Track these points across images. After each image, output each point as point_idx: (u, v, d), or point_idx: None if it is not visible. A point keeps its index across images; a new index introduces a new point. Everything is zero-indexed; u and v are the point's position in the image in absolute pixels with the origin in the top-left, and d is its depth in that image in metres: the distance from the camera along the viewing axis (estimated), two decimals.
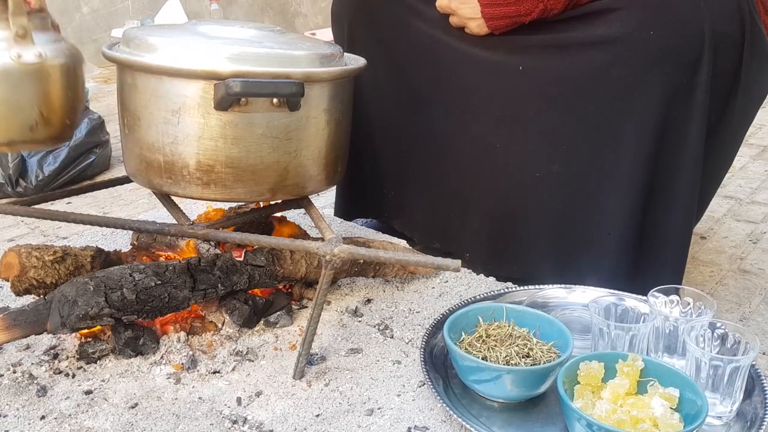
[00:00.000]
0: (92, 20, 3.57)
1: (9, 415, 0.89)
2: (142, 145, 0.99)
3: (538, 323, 0.97)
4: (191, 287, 1.01)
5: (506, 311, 0.99)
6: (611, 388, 0.83)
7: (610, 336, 0.93)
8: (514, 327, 0.97)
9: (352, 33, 1.34)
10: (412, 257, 0.98)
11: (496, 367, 0.88)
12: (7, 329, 0.93)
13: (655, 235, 1.14)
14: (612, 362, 0.86)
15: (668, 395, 0.82)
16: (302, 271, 1.12)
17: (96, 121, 1.96)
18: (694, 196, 1.11)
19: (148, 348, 1.01)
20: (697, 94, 1.05)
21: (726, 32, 1.03)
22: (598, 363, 0.86)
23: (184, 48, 0.94)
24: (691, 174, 1.09)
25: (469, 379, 0.91)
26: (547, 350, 0.93)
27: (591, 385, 0.85)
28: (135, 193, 1.80)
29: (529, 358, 0.91)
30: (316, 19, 4.43)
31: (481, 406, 0.90)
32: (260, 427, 0.88)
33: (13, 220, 1.61)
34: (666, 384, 0.84)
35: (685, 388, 0.82)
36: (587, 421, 0.76)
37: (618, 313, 0.98)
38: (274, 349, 1.05)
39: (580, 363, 0.86)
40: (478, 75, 1.18)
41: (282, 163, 0.99)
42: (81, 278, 0.97)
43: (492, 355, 0.92)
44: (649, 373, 0.85)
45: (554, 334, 0.95)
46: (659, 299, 0.96)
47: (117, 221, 1.06)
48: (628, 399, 0.83)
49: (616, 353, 0.88)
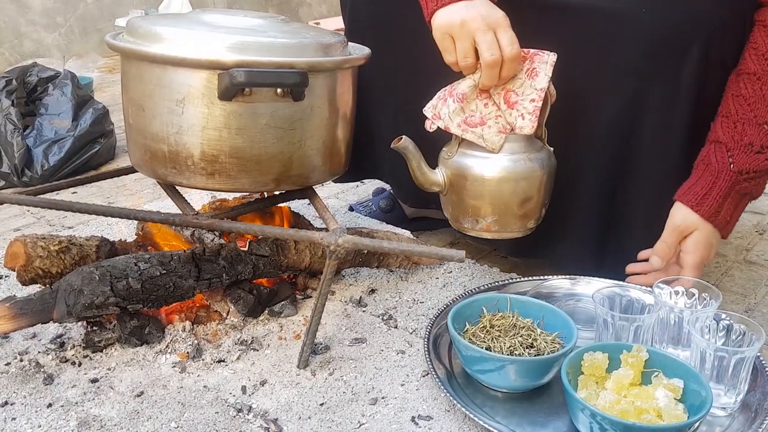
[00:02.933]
0: (96, 9, 3.57)
1: (16, 403, 0.90)
2: (147, 135, 0.99)
3: (542, 314, 0.98)
4: (196, 277, 1.02)
5: (510, 302, 1.00)
6: (615, 378, 0.83)
7: (615, 327, 0.93)
8: (519, 317, 0.98)
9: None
10: (416, 248, 0.98)
11: (500, 357, 0.88)
12: (14, 318, 0.94)
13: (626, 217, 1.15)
14: (616, 353, 0.86)
15: (672, 386, 0.82)
16: (306, 261, 1.12)
17: (100, 111, 1.96)
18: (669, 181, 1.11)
19: (153, 337, 1.02)
20: (685, 78, 1.04)
21: (725, 21, 1.02)
22: (603, 354, 0.86)
23: (188, 38, 0.93)
24: (668, 159, 1.09)
25: (472, 369, 0.91)
26: (551, 341, 0.93)
27: (595, 375, 0.85)
28: (140, 183, 1.80)
29: (533, 349, 0.91)
30: (321, 8, 4.41)
31: (485, 396, 0.90)
32: (265, 416, 0.88)
33: (19, 210, 1.62)
34: (670, 375, 0.84)
35: (689, 379, 0.82)
36: (591, 411, 0.77)
37: (622, 304, 0.97)
38: (279, 338, 1.05)
39: (584, 354, 0.86)
40: None
41: (286, 153, 0.99)
42: (87, 267, 0.97)
43: (496, 345, 0.92)
44: (654, 364, 0.85)
45: (558, 325, 0.95)
46: (664, 290, 0.96)
47: (122, 211, 1.07)
48: (632, 390, 0.83)
49: (620, 344, 0.88)
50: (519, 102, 1.04)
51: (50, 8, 3.41)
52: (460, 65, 1.03)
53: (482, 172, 1.07)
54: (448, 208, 1.16)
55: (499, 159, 1.07)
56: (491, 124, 1.07)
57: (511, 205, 1.08)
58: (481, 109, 1.07)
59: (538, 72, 1.03)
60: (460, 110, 1.07)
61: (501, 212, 1.09)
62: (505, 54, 0.99)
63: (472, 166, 1.08)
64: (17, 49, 3.31)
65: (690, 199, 1.04)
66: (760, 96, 1.01)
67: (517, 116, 1.05)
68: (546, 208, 1.14)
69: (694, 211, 1.04)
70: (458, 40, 1.01)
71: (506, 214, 1.09)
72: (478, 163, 1.08)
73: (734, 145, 1.02)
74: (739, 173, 1.02)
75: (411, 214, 1.54)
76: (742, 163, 1.02)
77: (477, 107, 1.07)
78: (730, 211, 1.04)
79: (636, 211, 1.14)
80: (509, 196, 1.08)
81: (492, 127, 1.07)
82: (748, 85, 1.02)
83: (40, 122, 1.89)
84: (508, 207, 1.09)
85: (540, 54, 1.03)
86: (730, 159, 1.02)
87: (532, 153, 1.08)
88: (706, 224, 1.04)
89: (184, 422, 0.87)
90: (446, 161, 1.11)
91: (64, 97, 1.93)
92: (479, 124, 1.07)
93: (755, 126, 1.01)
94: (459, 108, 1.06)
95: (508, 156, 1.07)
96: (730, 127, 1.03)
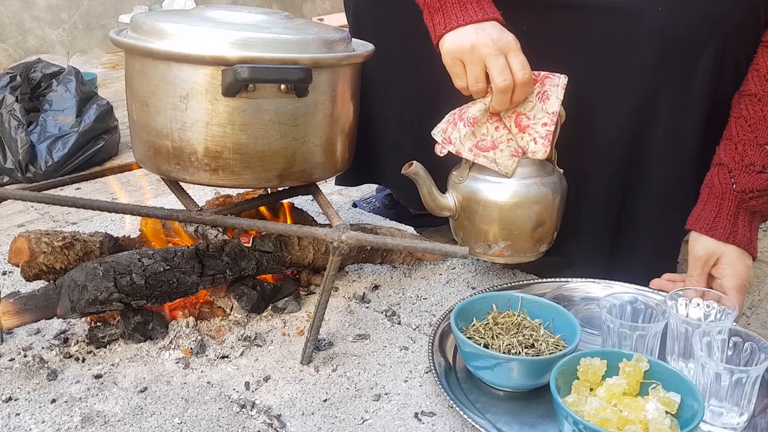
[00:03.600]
0: (100, 5, 3.57)
1: (20, 399, 0.90)
2: (151, 131, 0.99)
3: (552, 316, 0.96)
4: (200, 273, 1.02)
5: (522, 301, 0.98)
6: (607, 386, 0.81)
7: (617, 334, 0.90)
8: (526, 317, 0.96)
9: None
10: (420, 244, 0.98)
11: (493, 355, 0.87)
12: (18, 314, 0.94)
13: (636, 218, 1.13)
14: (616, 361, 0.84)
15: (668, 400, 0.78)
16: (310, 257, 1.12)
17: (104, 107, 1.96)
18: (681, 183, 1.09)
19: (157, 333, 1.02)
20: (698, 79, 1.02)
21: (741, 21, 1.00)
22: (601, 360, 0.83)
23: (192, 34, 0.93)
24: (680, 160, 1.07)
25: (471, 365, 0.91)
26: (554, 343, 0.91)
27: (590, 381, 0.83)
28: (144, 179, 1.80)
29: (533, 349, 0.90)
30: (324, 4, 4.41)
31: (482, 393, 0.90)
32: (268, 412, 0.88)
33: (23, 206, 1.62)
34: (669, 388, 0.81)
35: (687, 393, 0.79)
36: (573, 419, 0.75)
37: (633, 312, 0.94)
38: (282, 334, 1.05)
39: (581, 358, 0.84)
40: None
41: (290, 150, 0.99)
42: (90, 263, 0.98)
43: (494, 342, 0.91)
44: (654, 376, 0.82)
45: (566, 328, 0.93)
46: (679, 300, 0.93)
47: (126, 207, 1.07)
48: (624, 399, 0.80)
49: (621, 352, 0.85)
50: (531, 126, 1.03)
51: (54, 4, 3.41)
52: (471, 90, 1.02)
53: (495, 197, 1.07)
54: (459, 232, 1.15)
55: (511, 184, 1.06)
56: (503, 147, 1.06)
57: (524, 230, 1.08)
58: (493, 132, 1.06)
59: (549, 95, 1.02)
60: (471, 134, 1.06)
61: (514, 237, 1.09)
62: (517, 79, 0.98)
63: (485, 191, 1.07)
64: (21, 45, 3.32)
65: (702, 226, 1.02)
66: (761, 117, 1.00)
67: (530, 140, 1.04)
68: (558, 231, 1.13)
69: (709, 236, 1.01)
70: (469, 65, 0.99)
71: (519, 239, 1.09)
72: (491, 187, 1.07)
73: (735, 166, 1.01)
74: (743, 192, 1.00)
75: (414, 211, 1.54)
76: (745, 182, 1.00)
77: (488, 131, 1.06)
78: (746, 229, 1.02)
79: (647, 213, 1.13)
80: (523, 221, 1.07)
81: (504, 150, 1.06)
82: (749, 107, 1.00)
83: (44, 118, 1.89)
84: (522, 232, 1.08)
85: (551, 77, 1.02)
86: (732, 180, 1.01)
87: (545, 177, 1.08)
88: (728, 246, 1.01)
89: (188, 418, 0.87)
90: (457, 186, 1.10)
91: (68, 93, 1.94)
92: (491, 148, 1.06)
93: (756, 147, 1.00)
94: (470, 132, 1.06)
95: (521, 180, 1.06)
96: (731, 149, 1.02)
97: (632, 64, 1.04)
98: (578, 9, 1.06)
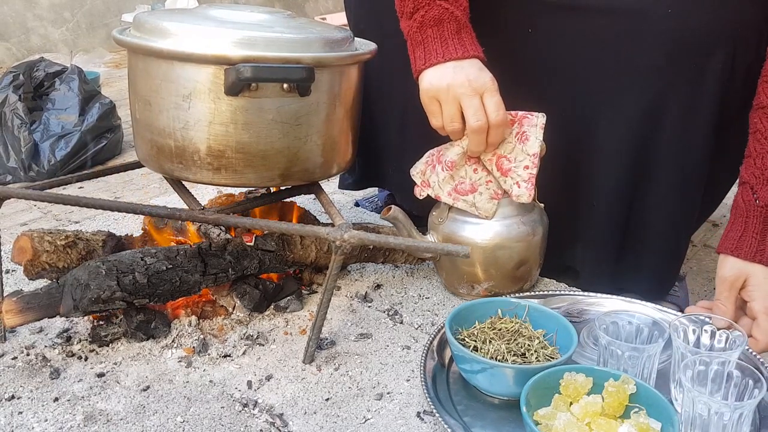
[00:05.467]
0: (103, 5, 3.58)
1: (23, 397, 0.90)
2: (153, 130, 0.99)
3: (556, 327, 0.94)
4: (202, 271, 1.02)
5: (528, 309, 0.97)
6: (583, 404, 0.79)
7: (607, 352, 0.88)
8: (525, 325, 0.95)
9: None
10: (422, 243, 0.98)
11: (477, 359, 0.86)
12: (21, 312, 0.94)
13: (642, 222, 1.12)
14: (603, 379, 0.81)
15: (646, 426, 0.75)
16: (312, 257, 1.13)
17: (107, 106, 1.97)
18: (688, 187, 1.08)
19: (159, 331, 1.02)
20: (707, 82, 1.01)
21: (753, 22, 0.99)
22: (586, 377, 0.81)
23: (195, 33, 0.93)
24: (688, 164, 1.06)
25: (459, 367, 0.91)
26: (546, 354, 0.90)
27: (571, 396, 0.81)
28: (146, 178, 1.81)
29: (523, 358, 0.89)
30: (327, 3, 4.41)
31: (468, 396, 0.89)
32: (270, 411, 0.88)
33: (26, 205, 1.63)
34: (653, 415, 0.77)
35: (667, 422, 0.76)
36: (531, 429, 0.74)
37: (636, 331, 0.91)
38: (285, 333, 1.05)
39: (564, 373, 0.82)
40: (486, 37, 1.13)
41: (292, 149, 0.99)
42: (93, 262, 0.98)
43: (484, 347, 0.91)
44: (640, 400, 0.79)
45: (565, 342, 0.92)
46: (688, 326, 0.89)
47: (128, 206, 1.07)
48: (599, 419, 0.77)
49: (608, 371, 0.83)
50: (512, 169, 1.03)
51: (57, 3, 3.42)
52: (446, 130, 1.01)
53: (476, 238, 1.07)
54: (442, 273, 1.15)
55: (492, 224, 1.06)
56: (482, 190, 1.06)
57: (506, 269, 1.08)
58: (471, 175, 1.06)
59: (528, 136, 1.02)
60: (449, 178, 1.06)
61: (497, 277, 1.09)
62: (491, 120, 0.98)
63: (465, 231, 1.07)
64: (24, 44, 3.32)
65: (728, 247, 0.98)
66: None
67: (512, 184, 1.04)
68: (541, 267, 1.13)
69: (735, 256, 0.97)
70: (444, 105, 0.99)
71: (502, 278, 1.10)
72: (471, 229, 1.07)
73: (756, 181, 0.97)
74: (766, 207, 0.97)
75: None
76: (767, 197, 0.96)
77: (467, 173, 1.06)
78: None
79: (654, 218, 1.12)
80: (505, 261, 1.08)
81: (483, 194, 1.06)
82: (763, 120, 0.98)
83: (47, 117, 1.89)
84: (504, 272, 1.09)
85: (529, 117, 1.02)
86: (754, 196, 0.98)
87: (525, 215, 1.08)
88: (755, 266, 0.96)
89: (190, 417, 0.87)
90: (437, 227, 1.10)
91: (71, 92, 1.94)
92: (470, 191, 1.05)
93: None
94: (448, 176, 1.05)
95: (501, 221, 1.06)
96: (750, 165, 0.98)
97: (641, 66, 1.03)
98: (586, 10, 1.05)
